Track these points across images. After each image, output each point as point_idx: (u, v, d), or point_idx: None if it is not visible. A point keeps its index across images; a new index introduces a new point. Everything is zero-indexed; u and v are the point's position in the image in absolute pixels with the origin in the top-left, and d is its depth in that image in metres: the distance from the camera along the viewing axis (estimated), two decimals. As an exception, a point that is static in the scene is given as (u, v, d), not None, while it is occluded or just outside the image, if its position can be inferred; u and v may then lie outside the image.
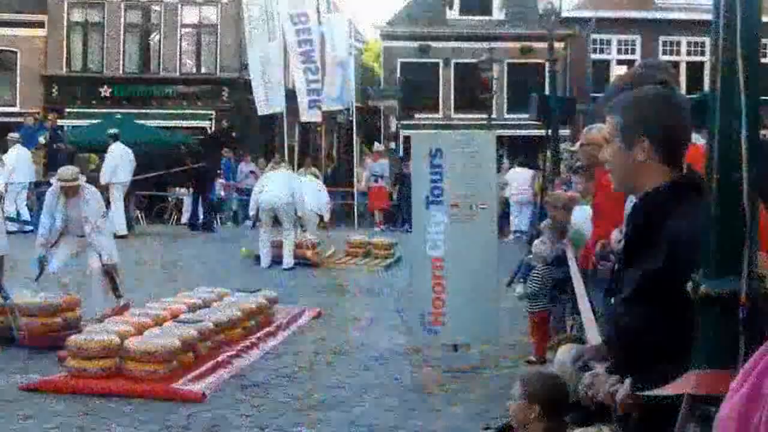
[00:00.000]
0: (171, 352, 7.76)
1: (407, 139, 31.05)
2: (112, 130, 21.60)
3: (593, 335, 3.96)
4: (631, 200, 3.51)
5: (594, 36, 36.75)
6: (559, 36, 30.52)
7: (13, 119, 33.11)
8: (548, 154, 16.54)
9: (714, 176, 2.42)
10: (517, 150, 32.36)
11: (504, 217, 24.56)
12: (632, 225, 3.14)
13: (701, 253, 2.46)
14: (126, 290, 12.58)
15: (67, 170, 10.96)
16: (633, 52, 36.80)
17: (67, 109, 33.78)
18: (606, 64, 36.19)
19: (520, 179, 23.24)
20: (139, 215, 24.57)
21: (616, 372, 3.06)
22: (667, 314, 2.85)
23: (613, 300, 3.25)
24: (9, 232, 9.92)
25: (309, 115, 28.07)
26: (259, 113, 28.50)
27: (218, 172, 26.22)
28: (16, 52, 36.06)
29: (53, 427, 6.55)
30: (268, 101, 27.41)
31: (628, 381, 2.90)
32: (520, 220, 22.87)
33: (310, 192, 17.34)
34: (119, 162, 20.12)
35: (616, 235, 4.39)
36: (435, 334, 8.62)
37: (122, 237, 19.14)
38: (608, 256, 4.61)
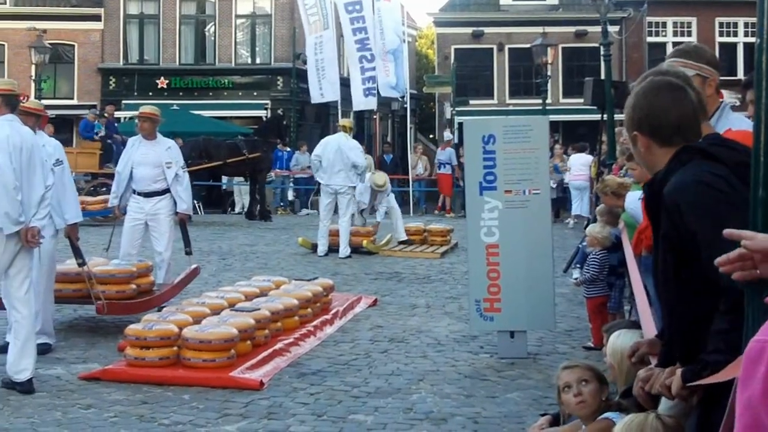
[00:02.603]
0: (228, 341, 7.81)
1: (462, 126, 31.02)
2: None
3: (648, 321, 3.94)
4: None
5: (649, 18, 36.32)
6: (614, 19, 30.22)
7: (72, 111, 33.64)
8: (604, 138, 16.36)
9: (761, 159, 2.39)
10: (574, 135, 32.15)
11: (562, 201, 24.47)
12: (648, 209, 3.21)
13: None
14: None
15: (150, 106, 11.42)
16: (689, 34, 36.33)
17: (124, 101, 34.17)
18: (662, 46, 35.75)
19: (578, 164, 23.05)
20: (197, 205, 24.82)
21: (666, 364, 3.07)
22: (696, 291, 2.87)
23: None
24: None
25: (364, 103, 28.10)
26: (313, 101, 28.62)
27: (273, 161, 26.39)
28: (73, 46, 36.54)
29: (113, 416, 6.63)
30: (322, 90, 27.50)
31: (678, 373, 2.90)
32: (579, 206, 22.69)
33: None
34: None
35: None
36: (491, 321, 8.59)
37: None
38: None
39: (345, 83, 28.56)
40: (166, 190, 10.86)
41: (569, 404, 4.52)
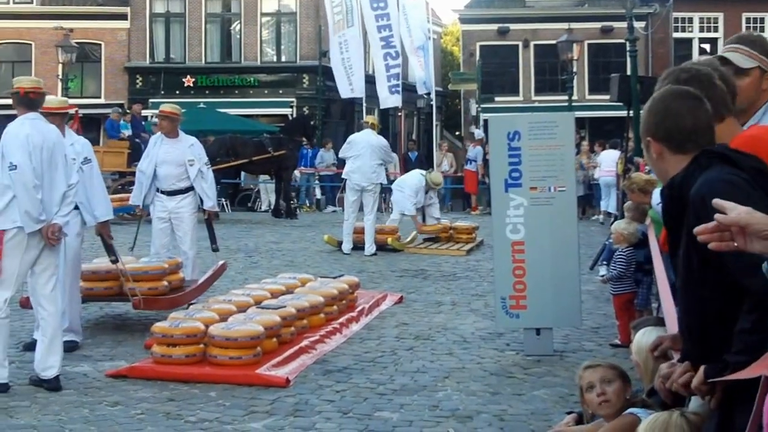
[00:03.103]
0: (254, 339, 7.83)
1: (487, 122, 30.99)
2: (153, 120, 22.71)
3: (672, 318, 3.92)
4: None
5: (675, 14, 36.12)
6: (640, 15, 30.05)
7: (99, 110, 33.83)
8: (630, 135, 16.28)
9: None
10: (600, 132, 32.03)
11: (588, 198, 24.37)
12: (665, 214, 3.21)
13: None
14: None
15: (170, 104, 11.41)
16: (716, 29, 36.10)
17: (151, 100, 34.29)
18: (689, 42, 35.55)
19: (609, 160, 22.90)
20: (224, 203, 24.92)
21: (687, 360, 3.06)
22: (719, 291, 2.87)
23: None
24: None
25: (390, 101, 28.12)
26: (343, 96, 28.58)
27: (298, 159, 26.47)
28: (100, 45, 36.77)
29: (140, 413, 6.66)
30: (352, 86, 27.54)
31: (701, 369, 2.89)
32: (608, 202, 22.58)
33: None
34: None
35: None
36: (517, 318, 8.56)
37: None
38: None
39: (369, 80, 28.58)
40: (189, 188, 10.86)
41: (592, 404, 4.51)
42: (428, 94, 30.82)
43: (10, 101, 8.02)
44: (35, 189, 7.14)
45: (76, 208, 8.26)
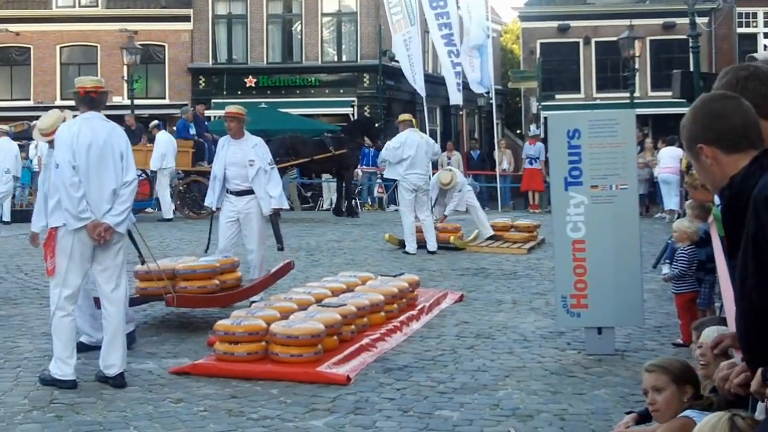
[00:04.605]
0: (315, 337, 7.88)
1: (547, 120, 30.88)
2: (155, 122, 23.74)
3: (733, 316, 3.88)
4: None
5: (739, 9, 35.62)
6: (702, 10, 29.69)
7: (163, 111, 34.27)
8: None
9: None
10: (663, 128, 31.70)
11: (651, 196, 24.10)
12: (725, 215, 3.16)
13: None
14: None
15: (236, 105, 11.51)
16: (782, 24, 35.55)
17: (214, 100, 34.68)
18: (753, 37, 35.02)
19: (667, 157, 22.63)
20: (289, 202, 25.10)
21: (747, 361, 3.03)
22: None
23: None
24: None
25: (453, 99, 28.16)
26: (421, 94, 28.51)
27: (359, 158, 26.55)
28: (164, 46, 37.22)
29: (202, 410, 6.74)
30: (415, 84, 27.57)
31: (759, 372, 2.87)
32: (670, 200, 22.30)
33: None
34: (165, 150, 21.59)
35: None
36: (578, 317, 8.52)
37: (167, 220, 20.76)
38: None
39: (428, 79, 28.58)
40: None
41: (650, 407, 4.51)
42: (487, 92, 30.71)
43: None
44: (73, 187, 7.19)
45: None
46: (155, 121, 24.23)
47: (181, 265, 9.71)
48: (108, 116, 7.95)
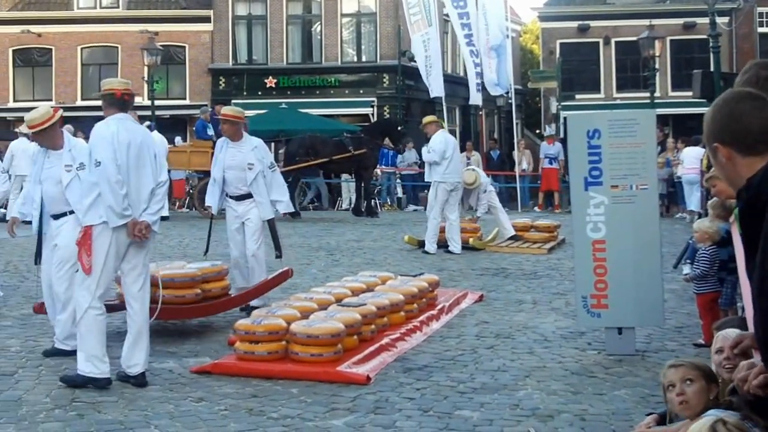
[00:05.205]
0: (335, 336, 7.89)
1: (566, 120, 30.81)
2: (147, 123, 23.40)
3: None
4: None
5: (760, 9, 35.44)
6: (722, 10, 29.55)
7: (184, 111, 34.39)
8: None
9: None
10: (683, 128, 31.58)
11: (672, 196, 24.02)
12: (742, 217, 3.13)
13: None
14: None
15: (231, 107, 11.10)
16: (802, 24, 35.36)
17: (234, 101, 34.70)
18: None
19: (691, 157, 22.53)
20: (308, 204, 25.21)
21: (766, 362, 3.02)
22: None
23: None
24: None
25: (473, 99, 28.17)
26: (432, 95, 28.52)
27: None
28: (184, 47, 37.36)
29: (223, 410, 6.76)
30: (431, 87, 27.57)
31: None
32: (693, 200, 22.21)
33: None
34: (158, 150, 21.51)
35: None
36: (598, 318, 8.50)
37: (165, 218, 20.41)
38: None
39: (447, 79, 28.57)
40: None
41: (673, 403, 4.46)
42: (506, 93, 30.67)
43: (98, 102, 8.16)
44: (118, 184, 7.24)
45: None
46: (147, 122, 24.15)
47: (161, 272, 9.10)
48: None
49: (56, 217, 8.41)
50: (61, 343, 8.36)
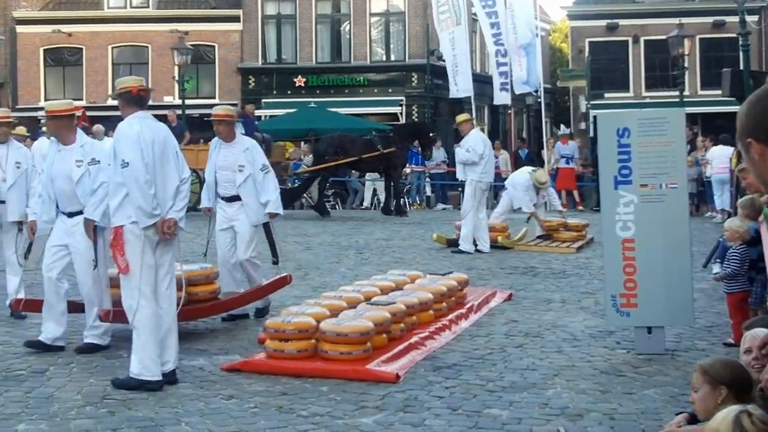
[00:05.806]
0: (364, 334, 7.91)
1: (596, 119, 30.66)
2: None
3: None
4: None
5: (790, 7, 35.19)
6: (752, 8, 29.36)
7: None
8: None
9: None
10: (713, 127, 31.39)
11: (701, 195, 23.89)
12: None
13: None
14: (321, 273, 13.01)
15: (224, 106, 10.93)
16: (835, 21, 35.06)
17: (263, 100, 34.92)
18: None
19: (720, 157, 22.39)
20: (336, 202, 25.27)
21: None
22: None
23: None
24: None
25: (499, 98, 28.05)
26: (451, 96, 28.59)
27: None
28: (214, 47, 37.53)
29: (253, 407, 6.79)
30: (457, 86, 27.52)
31: None
32: (722, 199, 22.08)
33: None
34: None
35: None
36: (627, 317, 8.48)
37: None
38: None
39: (476, 78, 28.52)
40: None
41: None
42: (536, 91, 30.58)
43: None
44: (147, 184, 7.25)
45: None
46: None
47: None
48: (156, 116, 8.06)
49: (71, 215, 8.47)
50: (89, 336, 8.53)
